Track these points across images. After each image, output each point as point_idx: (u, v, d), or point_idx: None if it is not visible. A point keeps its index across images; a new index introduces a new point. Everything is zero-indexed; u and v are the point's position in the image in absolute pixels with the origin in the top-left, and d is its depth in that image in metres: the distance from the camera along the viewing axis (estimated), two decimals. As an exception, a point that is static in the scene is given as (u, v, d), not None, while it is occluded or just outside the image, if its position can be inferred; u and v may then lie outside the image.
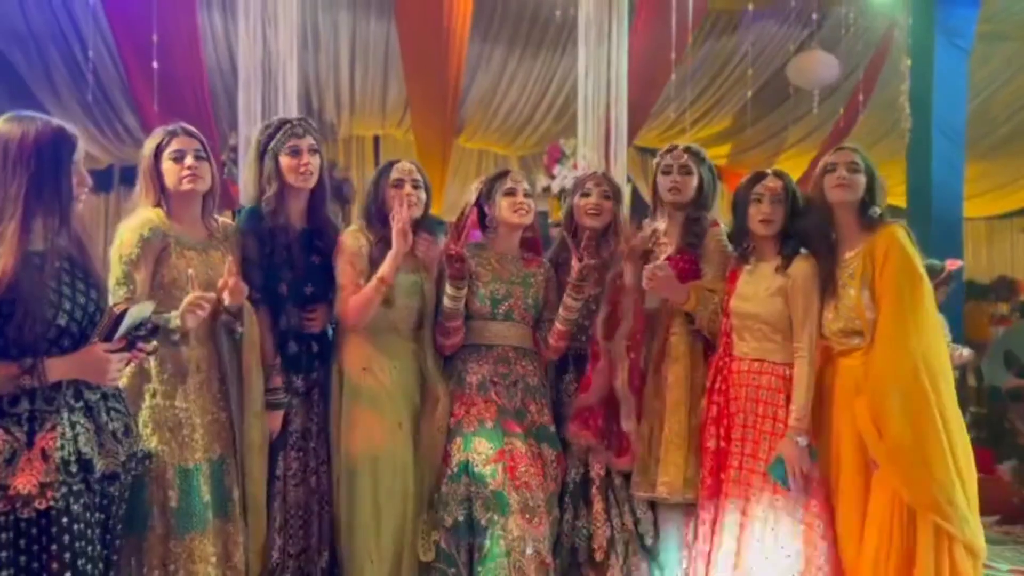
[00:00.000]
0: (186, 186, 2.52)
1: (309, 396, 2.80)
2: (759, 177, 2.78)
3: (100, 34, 6.49)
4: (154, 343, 2.16)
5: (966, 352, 4.55)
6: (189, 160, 2.52)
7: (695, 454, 2.82)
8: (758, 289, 2.74)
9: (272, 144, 2.76)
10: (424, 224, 2.92)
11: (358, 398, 2.78)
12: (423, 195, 2.87)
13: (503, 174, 2.98)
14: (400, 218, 2.67)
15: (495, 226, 2.97)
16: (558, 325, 2.91)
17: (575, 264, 2.81)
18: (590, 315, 2.94)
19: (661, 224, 2.97)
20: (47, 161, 1.93)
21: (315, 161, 2.76)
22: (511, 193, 2.92)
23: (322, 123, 7.98)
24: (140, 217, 2.51)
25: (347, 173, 7.97)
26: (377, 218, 2.84)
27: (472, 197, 2.99)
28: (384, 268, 2.70)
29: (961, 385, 5.25)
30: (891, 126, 7.34)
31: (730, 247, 2.92)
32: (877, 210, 2.64)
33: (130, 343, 2.04)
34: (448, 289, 2.79)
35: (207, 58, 6.60)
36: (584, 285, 2.83)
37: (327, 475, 2.80)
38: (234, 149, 6.12)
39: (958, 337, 5.65)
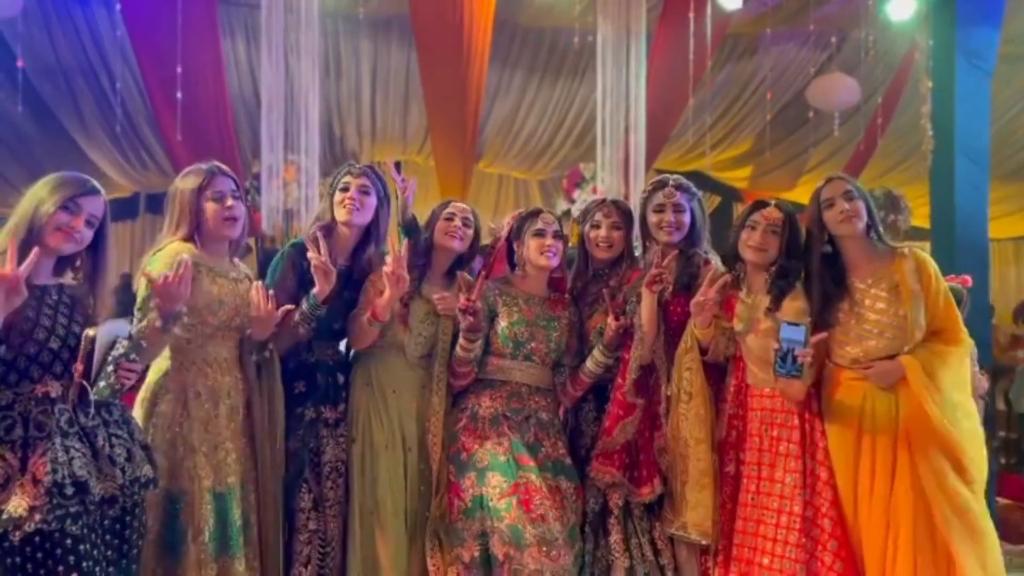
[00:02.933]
0: (226, 230, 2.58)
1: (337, 427, 2.82)
2: (760, 205, 2.79)
3: (127, 66, 6.62)
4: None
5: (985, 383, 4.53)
6: (229, 202, 2.57)
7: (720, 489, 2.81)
8: (751, 324, 2.74)
9: (333, 182, 2.87)
10: (465, 260, 2.95)
11: (356, 413, 2.82)
12: (470, 232, 2.92)
13: (535, 213, 2.95)
14: (392, 262, 2.67)
15: (523, 264, 2.95)
16: (583, 377, 2.89)
17: (611, 322, 2.80)
18: (616, 361, 2.90)
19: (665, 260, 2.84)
20: (38, 219, 2.08)
21: (364, 200, 2.81)
22: (540, 235, 2.88)
23: (344, 151, 8.07)
24: (170, 249, 2.54)
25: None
26: (424, 247, 2.90)
27: (503, 233, 2.99)
28: (375, 307, 2.71)
29: (990, 409, 5.16)
30: (912, 148, 7.29)
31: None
32: (880, 230, 2.68)
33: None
34: (461, 340, 2.78)
35: (231, 87, 6.71)
36: (617, 343, 2.82)
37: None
38: (256, 177, 6.21)
39: (986, 361, 5.56)
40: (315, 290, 2.66)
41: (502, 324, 2.86)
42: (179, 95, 5.50)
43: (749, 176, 9.16)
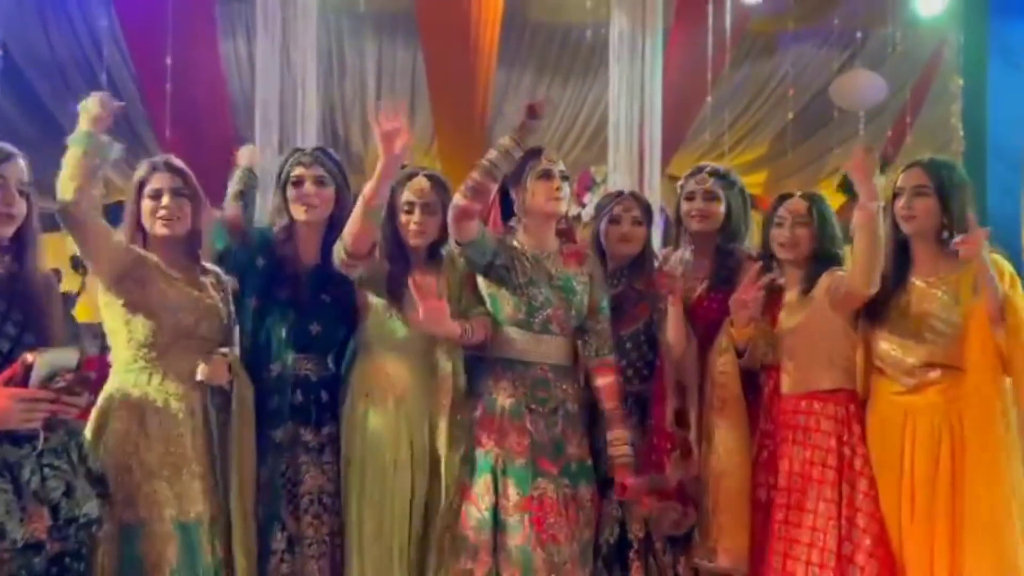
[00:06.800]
0: (159, 230, 2.31)
1: (322, 453, 2.51)
2: (784, 198, 2.72)
3: (124, 61, 6.58)
4: (85, 397, 1.95)
5: None
6: (165, 200, 2.30)
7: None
8: (789, 321, 2.63)
9: (281, 174, 2.54)
10: (433, 252, 2.60)
11: (353, 431, 2.51)
12: (435, 221, 2.54)
13: (535, 152, 2.55)
14: (383, 123, 2.26)
15: (524, 214, 2.59)
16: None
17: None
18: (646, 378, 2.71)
19: (688, 254, 2.76)
20: None
21: (322, 192, 2.50)
22: (547, 176, 2.52)
23: (348, 153, 7.93)
24: None
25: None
26: (393, 240, 2.54)
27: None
28: (368, 186, 2.31)
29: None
30: (940, 148, 7.07)
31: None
32: (952, 237, 2.41)
33: (56, 393, 1.83)
34: (506, 141, 2.39)
35: (230, 85, 6.57)
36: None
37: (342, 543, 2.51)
38: (251, 174, 6.04)
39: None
40: None
41: (515, 286, 2.52)
42: (168, 87, 5.31)
43: (765, 182, 8.99)
